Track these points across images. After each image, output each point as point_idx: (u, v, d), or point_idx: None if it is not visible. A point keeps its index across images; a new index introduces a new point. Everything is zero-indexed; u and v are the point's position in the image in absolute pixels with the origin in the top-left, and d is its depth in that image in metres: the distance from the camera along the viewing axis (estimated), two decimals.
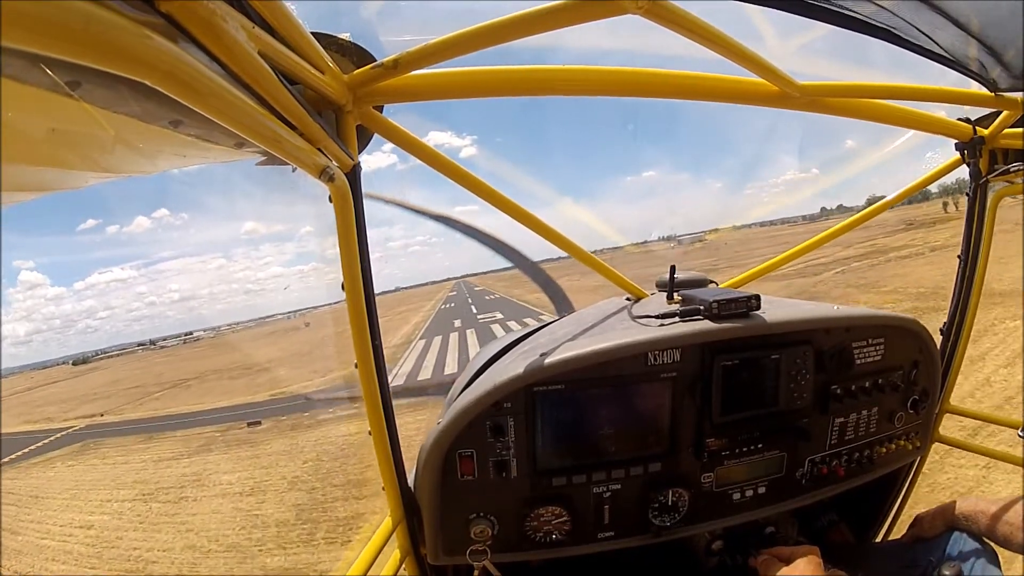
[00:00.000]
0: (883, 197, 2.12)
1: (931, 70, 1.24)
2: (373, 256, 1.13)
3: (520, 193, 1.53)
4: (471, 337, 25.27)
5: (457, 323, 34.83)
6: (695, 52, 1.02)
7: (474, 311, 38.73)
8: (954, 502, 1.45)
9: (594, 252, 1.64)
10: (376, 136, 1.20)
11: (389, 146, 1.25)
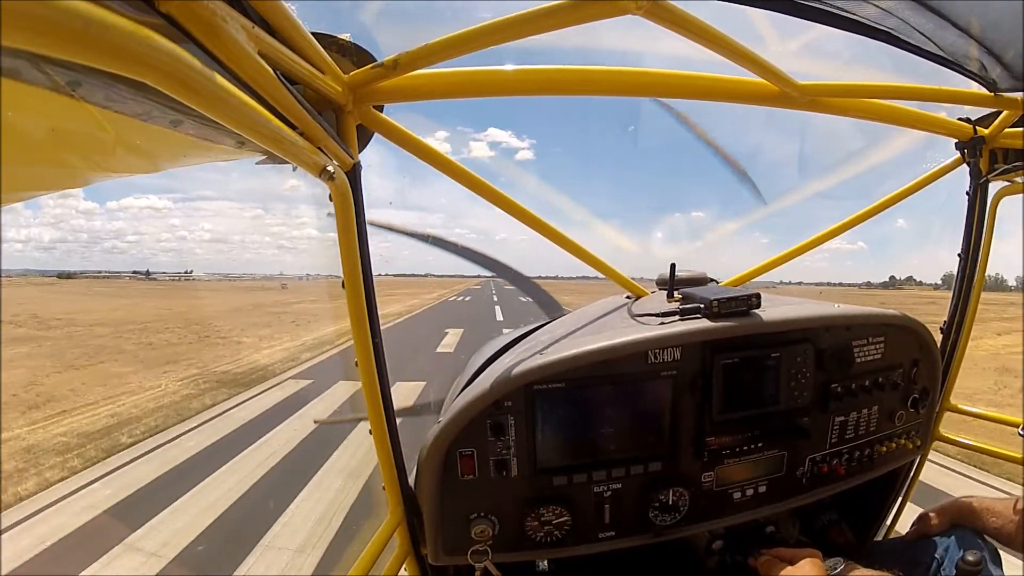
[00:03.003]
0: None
1: (931, 70, 1.24)
2: (409, 240, 1.06)
3: (528, 200, 1.51)
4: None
5: (449, 337, 17.33)
6: (695, 52, 1.02)
7: (500, 318, 23.79)
8: (957, 500, 1.45)
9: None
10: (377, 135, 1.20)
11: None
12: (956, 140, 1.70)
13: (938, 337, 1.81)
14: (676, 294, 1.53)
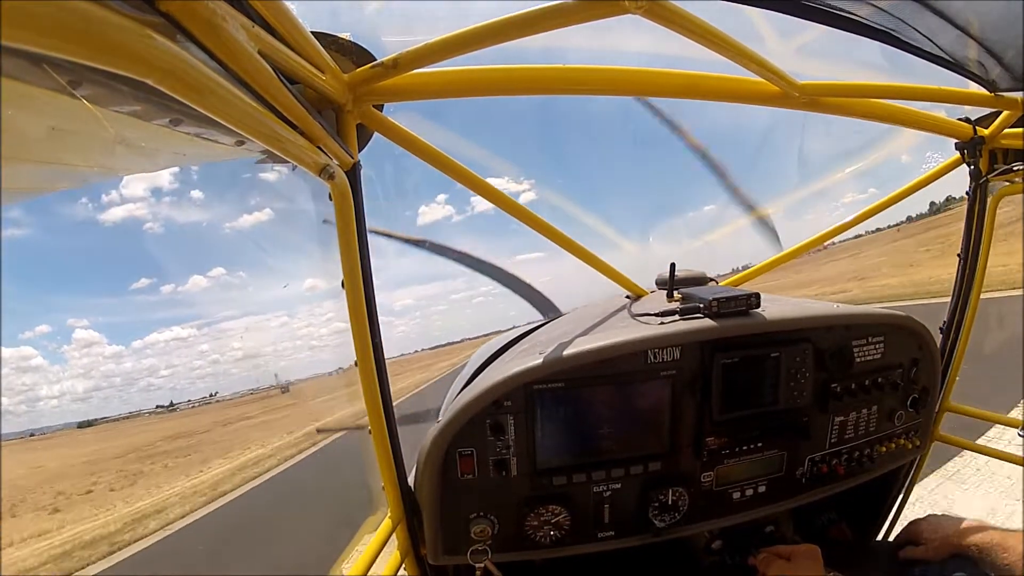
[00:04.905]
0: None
1: (931, 70, 1.24)
2: (438, 308, 1.05)
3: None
4: None
5: None
6: (695, 52, 1.02)
7: None
8: (961, 528, 1.36)
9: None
10: (388, 143, 1.20)
11: (441, 197, 1.23)
12: (956, 140, 1.70)
13: (938, 337, 1.81)
14: (676, 294, 1.53)
